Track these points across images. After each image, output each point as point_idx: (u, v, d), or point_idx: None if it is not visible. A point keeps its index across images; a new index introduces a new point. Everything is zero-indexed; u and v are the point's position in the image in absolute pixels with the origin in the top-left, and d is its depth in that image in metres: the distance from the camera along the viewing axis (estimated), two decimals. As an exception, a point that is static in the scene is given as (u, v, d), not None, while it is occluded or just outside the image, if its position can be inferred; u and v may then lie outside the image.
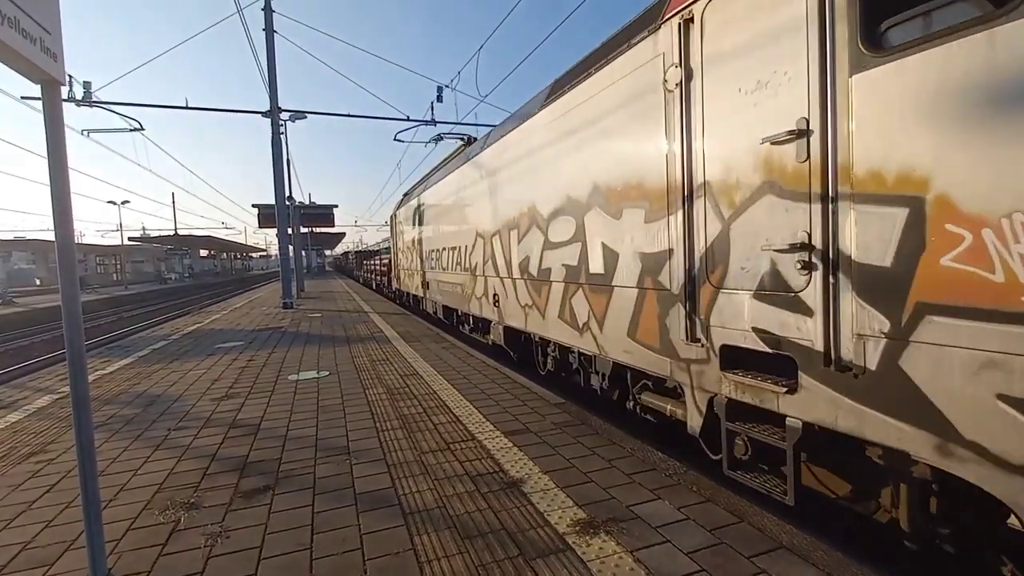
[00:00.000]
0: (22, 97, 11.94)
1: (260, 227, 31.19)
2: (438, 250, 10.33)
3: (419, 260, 12.47)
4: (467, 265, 8.26)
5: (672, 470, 3.22)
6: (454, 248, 9.08)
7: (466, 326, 9.46)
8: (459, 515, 2.74)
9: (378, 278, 24.27)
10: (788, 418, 2.63)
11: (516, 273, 6.20)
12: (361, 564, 2.33)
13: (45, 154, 2.00)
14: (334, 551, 2.44)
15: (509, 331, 6.81)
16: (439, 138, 12.86)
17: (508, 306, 6.60)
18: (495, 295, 7.04)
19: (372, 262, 29.05)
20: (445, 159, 10.80)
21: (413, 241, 13.17)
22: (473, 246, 7.89)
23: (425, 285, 11.90)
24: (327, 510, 2.84)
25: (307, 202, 34.65)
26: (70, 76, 13.20)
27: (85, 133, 14.64)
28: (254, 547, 2.49)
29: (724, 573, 2.19)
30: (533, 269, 5.68)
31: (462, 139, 10.76)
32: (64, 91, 2.17)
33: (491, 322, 7.44)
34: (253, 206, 29.82)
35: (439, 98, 14.90)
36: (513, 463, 3.41)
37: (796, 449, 2.62)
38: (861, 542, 2.84)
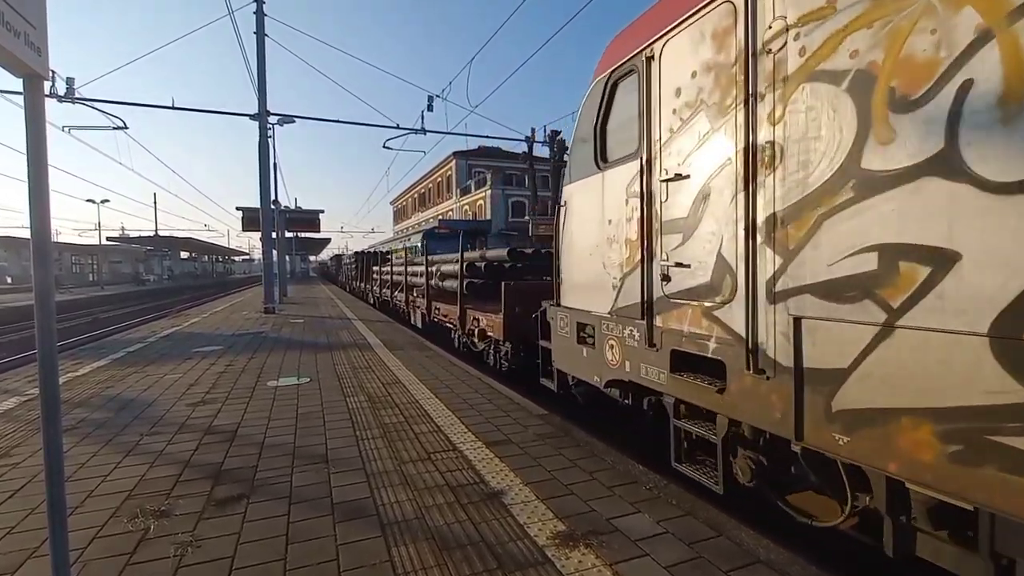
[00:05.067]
0: (0, 91, 11.71)
1: (244, 230, 30.57)
2: None
3: None
4: None
5: (653, 483, 3.23)
6: None
7: None
8: (438, 526, 2.70)
9: (430, 311, 10.29)
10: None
11: None
12: (336, 575, 2.28)
13: (20, 148, 1.96)
14: (309, 562, 2.39)
15: None
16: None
17: None
18: None
19: (391, 271, 14.93)
20: None
21: None
22: None
23: None
24: (303, 520, 2.78)
25: (293, 206, 34.23)
26: (53, 72, 12.95)
27: (66, 130, 14.36)
28: (226, 557, 2.43)
29: (702, 587, 2.20)
30: None
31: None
32: (46, 86, 2.14)
33: None
34: (237, 208, 29.37)
35: (429, 107, 14.99)
36: (494, 474, 3.39)
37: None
38: (836, 557, 2.87)
